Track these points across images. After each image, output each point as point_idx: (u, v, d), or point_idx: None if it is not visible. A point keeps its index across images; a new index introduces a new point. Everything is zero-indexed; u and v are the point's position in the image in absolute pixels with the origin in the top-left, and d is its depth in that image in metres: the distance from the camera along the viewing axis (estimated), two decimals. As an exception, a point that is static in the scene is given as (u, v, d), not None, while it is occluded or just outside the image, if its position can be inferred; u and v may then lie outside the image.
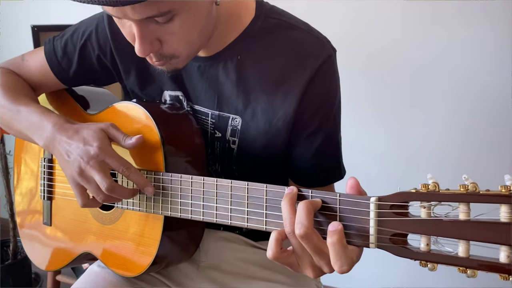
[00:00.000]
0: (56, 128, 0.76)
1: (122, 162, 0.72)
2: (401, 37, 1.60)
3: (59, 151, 0.75)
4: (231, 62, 0.78)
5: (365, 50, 1.63)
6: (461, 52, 1.52)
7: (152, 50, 0.67)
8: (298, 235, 0.53)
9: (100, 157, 0.70)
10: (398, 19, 1.58)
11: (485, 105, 1.53)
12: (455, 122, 1.58)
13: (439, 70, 1.56)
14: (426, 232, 0.50)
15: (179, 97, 0.84)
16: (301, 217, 0.53)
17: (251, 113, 0.78)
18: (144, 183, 0.73)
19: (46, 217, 0.96)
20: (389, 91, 1.66)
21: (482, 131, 1.55)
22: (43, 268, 0.97)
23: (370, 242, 0.52)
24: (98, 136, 0.72)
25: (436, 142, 1.62)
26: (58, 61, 0.89)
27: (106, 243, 0.84)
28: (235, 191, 0.64)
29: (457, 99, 1.56)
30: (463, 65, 1.54)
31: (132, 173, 0.72)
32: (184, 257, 0.84)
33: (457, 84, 1.55)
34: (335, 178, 0.83)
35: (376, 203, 0.52)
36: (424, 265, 0.50)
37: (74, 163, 0.72)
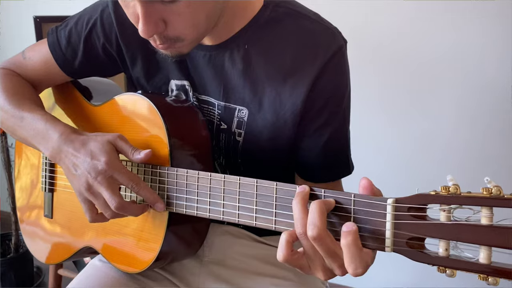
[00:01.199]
0: (62, 138, 0.73)
1: (131, 178, 0.69)
2: (407, 33, 1.58)
3: (66, 164, 0.72)
4: (238, 51, 0.75)
5: (371, 46, 1.61)
6: (467, 47, 1.50)
7: (156, 31, 0.64)
8: (311, 237, 0.51)
9: (108, 172, 0.67)
10: (404, 15, 1.56)
11: (490, 101, 1.51)
12: (460, 119, 1.57)
13: (444, 66, 1.55)
14: (445, 237, 0.47)
15: (186, 86, 0.81)
16: (314, 217, 0.51)
17: (258, 104, 0.76)
18: (155, 199, 0.70)
19: (47, 209, 0.93)
20: (393, 87, 1.65)
21: (487, 128, 1.53)
22: (44, 261, 0.95)
23: (386, 246, 0.50)
24: (106, 150, 0.69)
25: (440, 139, 1.61)
26: (63, 52, 0.86)
27: (108, 238, 0.82)
28: (243, 188, 0.62)
29: (462, 95, 1.55)
30: (469, 61, 1.52)
31: (141, 189, 0.69)
32: (189, 253, 0.82)
33: (463, 80, 1.54)
34: (343, 173, 0.81)
35: (393, 205, 0.49)
36: (443, 271, 0.48)
37: (81, 178, 0.69)
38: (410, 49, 1.58)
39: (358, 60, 0.82)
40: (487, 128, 1.53)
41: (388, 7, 1.56)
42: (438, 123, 1.59)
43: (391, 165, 1.69)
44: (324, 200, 0.53)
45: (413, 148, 1.65)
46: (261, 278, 0.84)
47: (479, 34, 1.49)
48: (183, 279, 0.86)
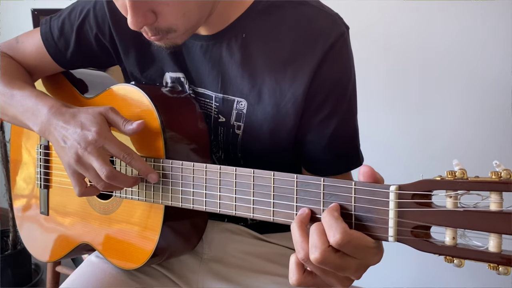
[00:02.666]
0: (52, 112, 0.72)
1: (123, 148, 0.67)
2: (411, 31, 1.57)
3: (55, 136, 0.70)
4: (235, 40, 0.73)
5: (374, 44, 1.59)
6: (471, 44, 1.49)
7: (145, 23, 0.62)
8: (314, 261, 0.48)
9: (99, 142, 0.66)
10: (407, 13, 1.55)
11: (494, 98, 1.49)
12: (463, 115, 1.56)
13: (447, 62, 1.53)
14: (452, 225, 0.44)
15: (181, 79, 0.79)
16: (314, 239, 0.49)
17: (258, 95, 0.73)
18: (147, 169, 0.68)
19: (43, 206, 0.91)
20: (396, 84, 1.64)
21: (490, 124, 1.52)
22: (41, 259, 0.94)
23: (389, 235, 0.47)
24: (97, 121, 0.67)
25: (443, 135, 1.59)
26: (55, 42, 0.84)
27: (104, 234, 0.80)
28: (240, 179, 0.59)
29: (465, 92, 1.54)
30: (472, 57, 1.50)
31: (134, 159, 0.67)
32: (186, 248, 0.80)
33: (466, 76, 1.52)
34: (353, 165, 0.78)
35: (396, 192, 0.47)
36: (450, 260, 0.45)
37: (71, 149, 0.67)
38: (414, 46, 1.56)
39: (361, 57, 0.80)
40: (490, 125, 1.51)
41: (392, 6, 1.55)
42: (441, 120, 1.58)
43: (394, 161, 1.66)
44: (327, 211, 0.50)
45: (415, 144, 1.63)
46: (262, 276, 0.82)
47: (482, 31, 1.47)
48: (182, 277, 0.83)
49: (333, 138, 0.74)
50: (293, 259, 0.52)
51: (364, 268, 0.50)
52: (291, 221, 0.54)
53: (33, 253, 0.96)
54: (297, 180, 0.54)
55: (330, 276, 0.51)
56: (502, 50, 1.45)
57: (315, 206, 0.53)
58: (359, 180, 0.49)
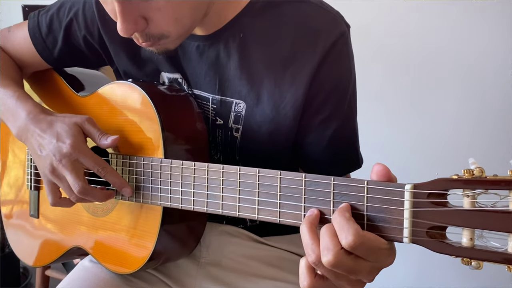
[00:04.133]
0: (30, 118, 0.71)
1: (97, 162, 0.67)
2: (408, 32, 1.57)
3: (32, 144, 0.70)
4: (233, 40, 0.71)
5: (371, 45, 1.59)
6: (469, 45, 1.50)
7: (136, 29, 0.60)
8: (327, 263, 0.46)
9: (73, 156, 0.66)
10: (405, 13, 1.55)
11: (491, 99, 1.50)
12: (461, 117, 1.56)
13: (445, 63, 1.53)
14: (470, 225, 0.43)
15: (178, 79, 0.77)
16: (327, 241, 0.46)
17: (256, 97, 0.71)
18: (122, 184, 0.68)
19: (33, 208, 0.88)
20: (393, 85, 1.63)
21: (488, 126, 1.52)
22: (30, 264, 0.90)
23: (404, 236, 0.45)
24: (72, 132, 0.67)
25: (440, 137, 1.59)
26: (43, 38, 0.82)
27: (98, 237, 0.77)
28: (244, 178, 0.57)
29: (462, 93, 1.54)
30: (470, 58, 1.50)
31: (108, 173, 0.67)
32: (184, 252, 0.77)
33: (463, 77, 1.53)
34: (352, 167, 0.76)
35: (411, 191, 0.45)
36: (467, 262, 0.43)
37: (46, 160, 0.67)
38: (411, 47, 1.56)
39: (358, 58, 0.80)
40: (488, 127, 1.51)
41: (391, 5, 1.54)
42: (440, 121, 1.57)
43: (392, 162, 1.65)
44: (338, 212, 0.48)
45: (414, 145, 1.63)
46: (261, 280, 0.79)
47: (480, 31, 1.47)
48: (178, 281, 0.80)
49: (332, 140, 0.72)
50: (303, 263, 0.50)
51: (377, 271, 0.48)
52: (298, 222, 0.52)
53: (22, 257, 0.92)
54: (305, 179, 0.52)
55: (342, 280, 0.49)
56: (502, 49, 1.45)
57: (325, 207, 0.51)
58: (371, 178, 0.48)
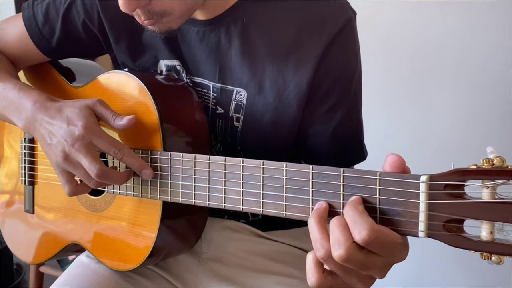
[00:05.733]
0: (36, 107, 0.67)
1: (112, 143, 0.62)
2: (406, 26, 1.55)
3: (41, 133, 0.65)
4: (234, 26, 0.68)
5: (370, 38, 1.57)
6: (468, 39, 1.49)
7: (138, 5, 0.57)
8: (338, 258, 0.43)
9: (87, 138, 0.61)
10: (403, 7, 1.53)
11: (490, 93, 1.49)
12: (459, 110, 1.55)
13: (443, 57, 1.51)
14: (489, 218, 0.40)
15: (177, 67, 0.74)
16: (338, 235, 0.44)
17: (258, 85, 0.68)
18: (141, 165, 0.63)
19: (28, 204, 0.85)
20: (391, 79, 1.62)
21: (486, 120, 1.51)
22: (25, 260, 0.87)
23: (420, 230, 0.43)
24: (84, 115, 0.62)
25: (439, 131, 1.58)
26: (39, 28, 0.78)
27: (96, 233, 0.74)
28: (247, 171, 0.54)
29: (461, 87, 1.53)
30: (469, 51, 1.48)
31: (125, 155, 0.62)
32: (185, 247, 0.75)
33: (462, 71, 1.52)
34: (357, 159, 0.74)
35: (427, 182, 0.42)
36: (487, 257, 0.41)
37: (57, 147, 0.62)
38: (409, 40, 1.54)
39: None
40: (487, 120, 1.50)
41: (391, 2, 1.52)
42: (437, 115, 1.57)
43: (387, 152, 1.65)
44: (350, 205, 0.45)
45: (411, 139, 1.62)
46: (264, 276, 0.77)
47: (480, 25, 1.46)
48: (179, 278, 0.78)
49: (337, 131, 0.70)
50: (311, 258, 0.47)
51: (389, 266, 0.46)
52: (306, 216, 0.50)
53: (17, 254, 0.89)
54: (312, 171, 0.49)
55: (352, 275, 0.46)
56: (499, 45, 1.44)
57: (334, 200, 0.48)
58: (384, 170, 0.45)
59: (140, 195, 0.66)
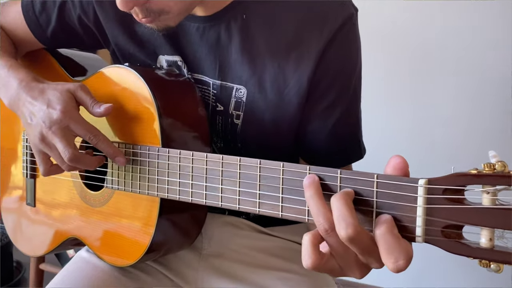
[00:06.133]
0: (21, 86, 0.68)
1: (89, 129, 0.63)
2: (406, 21, 1.54)
3: (23, 112, 0.67)
4: (234, 22, 0.67)
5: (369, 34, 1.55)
6: (467, 34, 1.47)
7: (136, 3, 0.57)
8: (345, 237, 0.42)
9: (64, 122, 0.62)
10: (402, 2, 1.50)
11: (490, 89, 1.47)
12: (459, 107, 1.53)
13: (443, 52, 1.50)
14: (489, 224, 0.39)
15: (178, 62, 0.73)
16: (345, 214, 0.42)
17: (258, 82, 0.67)
18: (115, 152, 0.65)
19: (30, 197, 0.85)
20: (391, 75, 1.60)
21: (486, 116, 1.49)
22: (27, 253, 0.88)
23: (417, 235, 0.42)
24: (64, 99, 0.64)
25: (438, 128, 1.56)
26: (36, 16, 0.78)
27: (95, 228, 0.74)
28: (244, 170, 0.53)
29: (461, 83, 1.52)
30: (468, 47, 1.47)
31: (100, 141, 0.64)
32: (185, 243, 0.74)
33: (462, 67, 1.51)
34: (355, 157, 0.73)
35: (425, 186, 0.41)
36: (486, 265, 0.40)
37: (36, 128, 0.64)
38: (409, 40, 1.54)
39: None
40: (487, 117, 1.48)
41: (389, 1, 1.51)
42: (436, 115, 1.56)
43: (388, 155, 1.63)
44: (344, 191, 0.44)
45: (409, 139, 1.60)
46: (266, 271, 0.76)
47: (479, 19, 1.44)
48: (179, 274, 0.78)
49: (335, 128, 0.69)
50: (308, 239, 0.45)
51: None
52: (302, 217, 0.49)
53: (19, 247, 0.90)
54: (309, 172, 0.48)
55: (350, 259, 0.45)
56: (499, 40, 1.42)
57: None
58: (385, 172, 0.44)
59: (138, 191, 0.66)
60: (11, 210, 0.92)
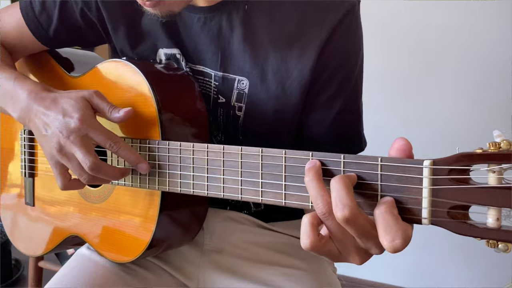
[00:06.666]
0: (31, 97, 0.65)
1: (109, 136, 0.61)
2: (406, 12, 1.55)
3: (36, 124, 0.64)
4: (236, 13, 0.67)
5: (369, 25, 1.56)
6: (467, 24, 1.48)
7: None
8: (342, 218, 0.41)
9: (82, 130, 0.60)
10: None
11: (490, 81, 1.48)
12: (459, 99, 1.54)
13: (443, 44, 1.52)
14: (496, 204, 0.39)
15: (176, 55, 0.72)
16: (342, 195, 0.42)
17: (261, 74, 0.67)
18: (137, 159, 0.62)
19: (29, 196, 0.84)
20: (391, 67, 1.61)
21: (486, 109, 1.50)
22: (26, 253, 0.87)
23: (423, 217, 0.41)
24: (80, 107, 0.61)
25: (438, 120, 1.56)
26: (36, 17, 0.77)
27: (95, 224, 0.73)
28: (246, 159, 0.53)
29: (461, 74, 1.53)
30: (468, 37, 1.48)
31: (121, 148, 0.61)
32: (186, 239, 0.74)
33: (462, 58, 1.51)
34: (355, 149, 0.73)
35: (431, 167, 0.41)
36: (493, 245, 0.39)
37: (52, 138, 0.61)
38: (409, 28, 1.55)
39: None
40: (486, 110, 1.49)
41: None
42: (436, 104, 1.55)
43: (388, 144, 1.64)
44: (346, 175, 0.44)
45: (410, 128, 1.59)
46: (268, 267, 0.76)
47: (479, 12, 1.44)
48: (180, 270, 0.77)
49: (337, 120, 0.69)
50: (307, 220, 0.45)
51: None
52: (306, 204, 0.49)
53: (19, 246, 0.89)
54: (312, 158, 0.48)
55: (348, 243, 0.45)
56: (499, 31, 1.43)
57: (334, 187, 0.46)
58: (389, 155, 0.43)
59: (138, 185, 0.65)
60: (9, 209, 0.91)
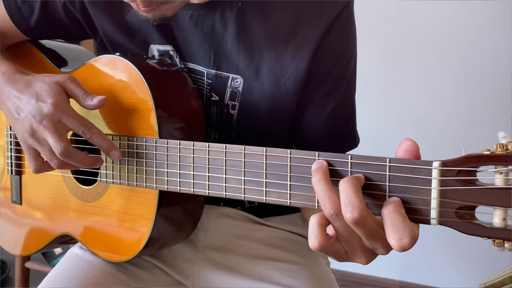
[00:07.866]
0: (4, 78, 0.65)
1: (82, 122, 0.61)
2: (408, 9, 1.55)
3: (8, 107, 0.64)
4: (230, 9, 0.65)
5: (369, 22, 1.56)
6: (468, 23, 1.49)
7: None
8: (351, 220, 0.42)
9: (56, 116, 0.59)
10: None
11: (490, 78, 1.50)
12: (459, 95, 1.55)
13: (444, 41, 1.53)
14: (502, 204, 0.40)
15: (170, 52, 0.71)
16: (351, 197, 0.42)
17: (255, 72, 0.66)
18: (109, 146, 0.62)
19: (15, 194, 0.82)
20: (392, 63, 1.61)
21: (486, 106, 1.52)
22: (14, 253, 0.84)
23: (432, 218, 0.42)
24: (54, 92, 0.61)
25: (439, 117, 1.58)
26: (18, 6, 0.75)
27: (88, 223, 0.72)
28: (249, 158, 0.53)
29: (462, 71, 1.54)
30: (469, 36, 1.50)
31: (94, 135, 0.61)
32: (181, 237, 0.73)
33: (462, 55, 1.52)
34: (349, 146, 0.74)
35: (440, 168, 0.41)
36: (500, 244, 0.40)
37: (25, 122, 0.61)
38: (410, 27, 1.55)
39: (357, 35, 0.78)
40: (487, 110, 1.51)
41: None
42: (437, 101, 1.57)
43: (388, 142, 1.65)
44: (354, 176, 0.44)
45: (411, 125, 1.62)
46: (263, 262, 0.76)
47: (479, 12, 1.46)
48: (176, 268, 0.76)
49: (331, 117, 0.69)
50: (315, 220, 0.45)
51: None
52: (311, 204, 0.49)
53: (6, 247, 0.86)
54: (319, 158, 0.48)
55: (355, 243, 0.45)
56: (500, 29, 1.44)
57: (341, 187, 0.47)
58: (397, 156, 0.44)
59: (135, 184, 0.64)
60: (-5, 209, 0.88)
